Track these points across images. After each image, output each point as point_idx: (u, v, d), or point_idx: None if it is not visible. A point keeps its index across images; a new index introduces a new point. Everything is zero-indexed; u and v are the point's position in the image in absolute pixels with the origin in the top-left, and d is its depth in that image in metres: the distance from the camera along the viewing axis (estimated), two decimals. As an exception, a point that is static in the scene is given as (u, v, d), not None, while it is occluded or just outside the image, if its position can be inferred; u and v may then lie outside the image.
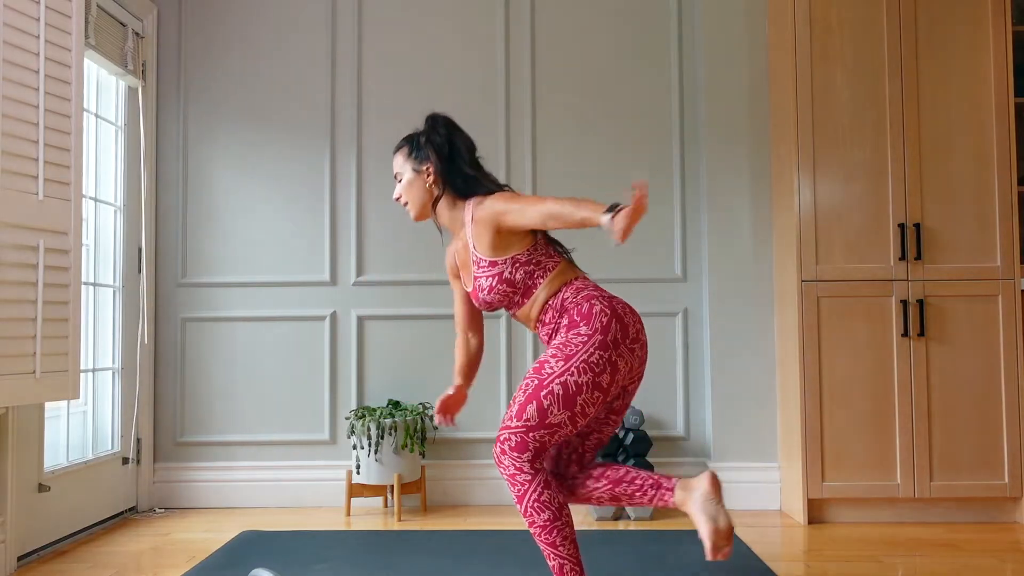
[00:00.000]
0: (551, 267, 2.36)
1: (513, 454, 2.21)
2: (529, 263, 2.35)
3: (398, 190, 2.49)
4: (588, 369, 2.21)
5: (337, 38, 3.93)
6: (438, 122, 2.51)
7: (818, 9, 3.44)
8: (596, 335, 2.23)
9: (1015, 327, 3.35)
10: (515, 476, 2.21)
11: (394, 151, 2.53)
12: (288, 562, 2.84)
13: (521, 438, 2.20)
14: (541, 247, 2.37)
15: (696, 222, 3.85)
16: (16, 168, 2.57)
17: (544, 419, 2.20)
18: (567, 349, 2.23)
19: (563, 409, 2.20)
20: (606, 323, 2.25)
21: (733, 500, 3.64)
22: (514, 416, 2.22)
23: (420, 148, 2.46)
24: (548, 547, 2.21)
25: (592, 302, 2.29)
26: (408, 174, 2.46)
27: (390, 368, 3.85)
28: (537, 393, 2.20)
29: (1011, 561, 2.87)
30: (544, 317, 2.35)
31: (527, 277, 2.35)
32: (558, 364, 2.22)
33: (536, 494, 2.20)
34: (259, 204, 3.89)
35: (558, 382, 2.20)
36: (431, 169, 2.43)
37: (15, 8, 2.57)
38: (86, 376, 3.49)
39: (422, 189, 2.45)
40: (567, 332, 2.27)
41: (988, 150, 3.39)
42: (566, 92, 3.90)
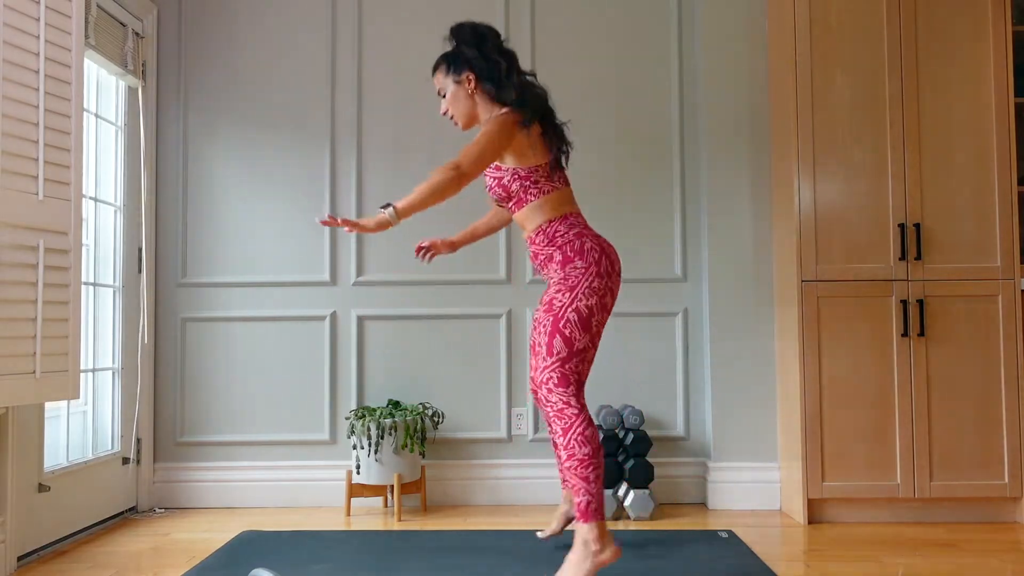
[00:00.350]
0: (547, 191, 2.58)
1: (559, 389, 2.44)
2: (527, 179, 2.56)
3: (444, 105, 2.66)
4: (592, 292, 2.48)
5: (337, 38, 3.93)
6: (464, 32, 2.63)
7: (818, 9, 3.44)
8: (592, 266, 2.50)
9: (1015, 327, 3.35)
10: (563, 411, 2.44)
11: (433, 70, 2.68)
12: (288, 562, 2.84)
13: (560, 372, 2.44)
14: (544, 171, 2.57)
15: (696, 222, 3.85)
16: (16, 168, 2.57)
17: (572, 347, 2.45)
18: (569, 281, 2.49)
19: (583, 332, 2.46)
20: (598, 257, 2.52)
21: (733, 500, 3.65)
22: (545, 355, 2.45)
23: (456, 60, 2.61)
24: (582, 482, 2.39)
25: (583, 239, 2.54)
26: (451, 87, 2.63)
27: (390, 368, 3.85)
28: (556, 325, 2.45)
29: (1011, 561, 2.87)
30: (535, 237, 2.60)
31: (521, 190, 2.57)
32: (565, 296, 2.48)
33: (581, 427, 2.42)
34: (259, 204, 3.89)
35: (571, 309, 2.46)
36: (470, 77, 2.60)
37: (15, 8, 2.57)
38: (86, 376, 3.49)
39: (466, 98, 2.62)
40: (563, 267, 2.52)
41: (988, 150, 3.39)
42: (566, 92, 3.89)
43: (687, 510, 3.64)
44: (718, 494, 3.66)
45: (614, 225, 3.79)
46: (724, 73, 3.76)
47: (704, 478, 3.74)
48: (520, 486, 3.78)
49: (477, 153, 2.45)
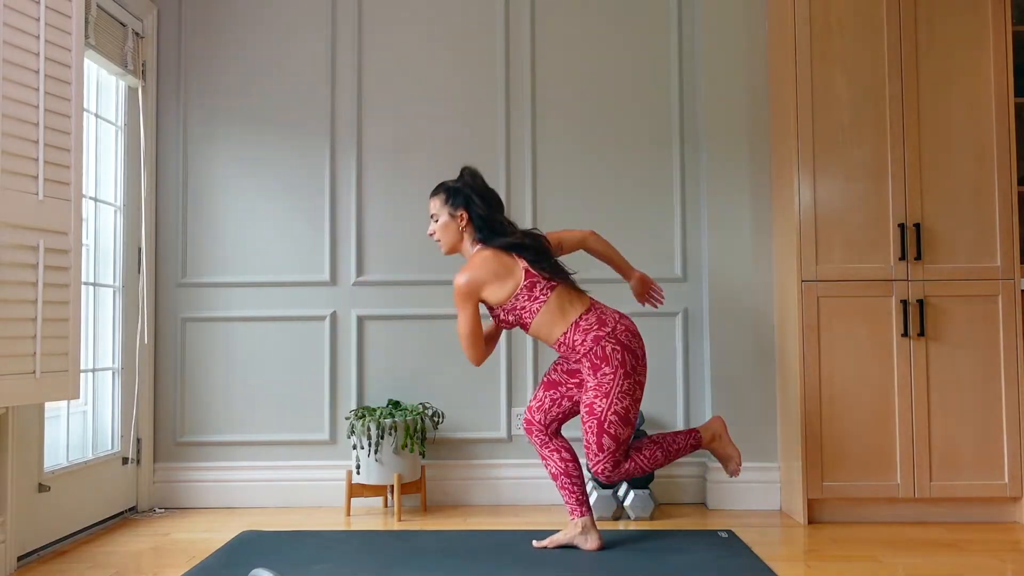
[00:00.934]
0: (537, 309, 2.87)
1: (614, 470, 2.89)
2: (515, 309, 2.89)
3: (433, 228, 2.99)
4: (625, 395, 2.85)
5: (337, 38, 3.93)
6: (472, 176, 2.98)
7: (818, 9, 3.44)
8: (619, 369, 2.84)
9: (1015, 327, 3.35)
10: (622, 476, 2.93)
11: (431, 194, 3.01)
12: (288, 562, 2.84)
13: (613, 460, 2.88)
14: (524, 294, 2.86)
15: (696, 222, 3.85)
16: (16, 168, 2.57)
17: (619, 440, 2.87)
18: (603, 388, 2.84)
19: (625, 427, 2.86)
20: (621, 358, 2.84)
21: (733, 500, 3.65)
22: (596, 451, 2.86)
23: (456, 196, 2.94)
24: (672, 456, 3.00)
25: (602, 343, 2.85)
26: (444, 217, 2.96)
27: (390, 368, 3.85)
28: (601, 428, 2.84)
29: (1011, 561, 2.87)
30: (559, 348, 2.93)
31: (517, 318, 2.91)
32: (603, 402, 2.84)
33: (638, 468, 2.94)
34: (259, 204, 3.89)
35: (611, 412, 2.84)
36: (464, 216, 2.93)
37: (15, 8, 2.57)
38: (86, 376, 3.49)
39: (455, 231, 2.96)
40: (595, 375, 2.86)
41: (988, 150, 3.39)
42: (566, 91, 3.90)
43: (687, 510, 3.64)
44: (718, 494, 3.66)
45: (614, 225, 3.80)
46: (724, 73, 3.76)
47: (704, 478, 3.74)
48: (520, 486, 3.78)
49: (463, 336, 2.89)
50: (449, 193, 2.95)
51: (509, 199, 3.84)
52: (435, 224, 2.98)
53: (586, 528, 2.97)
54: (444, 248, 2.99)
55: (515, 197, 3.86)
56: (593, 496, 3.50)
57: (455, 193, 2.94)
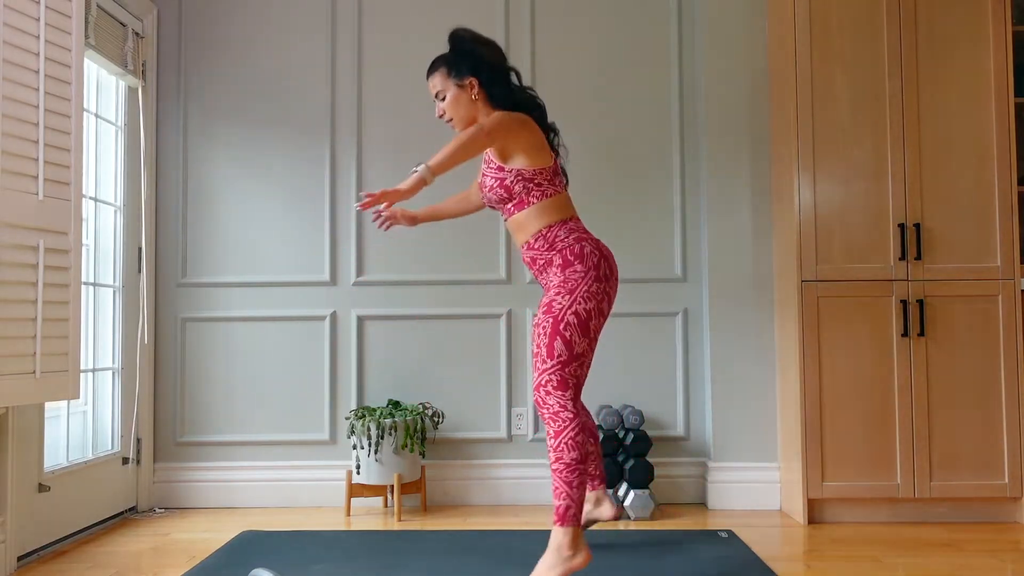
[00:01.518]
0: (549, 193, 2.59)
1: (557, 393, 2.46)
2: (531, 181, 2.57)
3: (441, 108, 2.66)
4: (591, 297, 2.50)
5: (337, 38, 3.93)
6: (465, 38, 2.67)
7: (818, 9, 3.44)
8: (591, 270, 2.53)
9: (1015, 327, 3.35)
10: (558, 414, 2.45)
11: (429, 72, 2.69)
12: (288, 562, 2.84)
13: (560, 375, 2.46)
14: (547, 174, 2.59)
15: (696, 222, 3.85)
16: (16, 168, 2.57)
17: (572, 350, 2.46)
18: (568, 284, 2.51)
19: (583, 336, 2.48)
20: (596, 261, 2.55)
21: (733, 500, 3.65)
22: (545, 358, 2.46)
23: (459, 63, 2.62)
24: (564, 486, 2.42)
25: (583, 243, 2.57)
26: (452, 91, 2.63)
27: (390, 368, 3.85)
28: (556, 327, 2.46)
29: (1011, 561, 2.87)
30: (534, 242, 2.60)
31: (524, 191, 2.58)
32: (564, 299, 2.49)
33: (573, 433, 2.43)
34: (259, 204, 3.89)
35: (570, 312, 2.47)
36: (474, 82, 2.62)
37: (15, 8, 2.57)
38: (86, 376, 3.49)
39: (468, 102, 2.63)
40: (563, 270, 2.54)
41: (988, 150, 3.39)
42: (566, 91, 3.90)
43: (687, 510, 3.64)
44: (718, 494, 3.66)
45: (614, 225, 3.80)
46: (724, 73, 3.76)
47: (704, 478, 3.74)
48: (520, 486, 3.78)
49: (502, 124, 2.51)
50: (451, 63, 2.64)
51: (509, 199, 3.85)
52: (442, 103, 2.65)
53: (598, 500, 2.98)
54: (460, 125, 2.66)
55: (515, 197, 3.86)
56: (593, 496, 3.50)
57: (458, 61, 2.63)
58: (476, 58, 2.63)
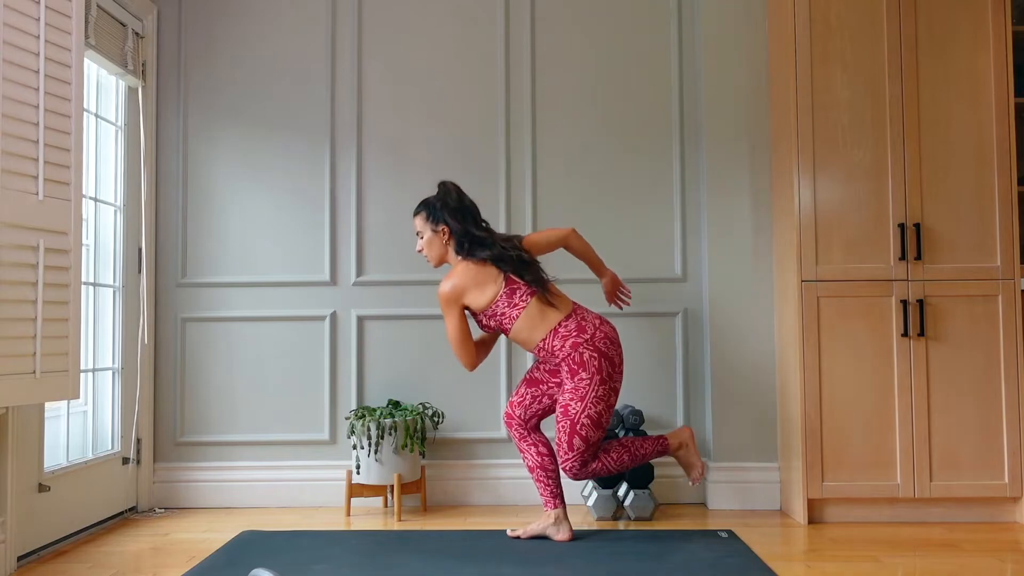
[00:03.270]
0: (516, 315, 3.03)
1: (581, 469, 3.06)
2: (495, 315, 3.05)
3: (420, 244, 3.17)
4: (600, 399, 3.00)
5: (337, 38, 3.93)
6: (449, 191, 3.15)
7: (818, 9, 3.44)
8: (595, 376, 3.00)
9: (1015, 327, 3.35)
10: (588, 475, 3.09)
11: (414, 213, 3.20)
12: (288, 562, 2.84)
13: (581, 460, 3.04)
14: (502, 303, 3.02)
15: (696, 222, 3.85)
16: (16, 168, 2.57)
17: (589, 442, 3.02)
18: (579, 392, 3.00)
19: (596, 430, 3.02)
20: (598, 365, 3.00)
21: (733, 500, 3.65)
22: (567, 450, 3.02)
23: (437, 213, 3.13)
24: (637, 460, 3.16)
25: (580, 350, 3.00)
26: (428, 234, 3.15)
27: (390, 368, 3.85)
28: (574, 429, 3.00)
29: (1011, 561, 2.87)
30: (539, 353, 3.09)
31: (498, 324, 3.07)
32: (578, 405, 2.99)
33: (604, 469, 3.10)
34: (259, 204, 3.89)
35: (585, 415, 2.99)
36: (446, 231, 3.12)
37: (15, 8, 2.57)
38: (86, 376, 3.49)
39: (440, 245, 3.15)
40: (572, 379, 3.01)
41: (988, 150, 3.39)
42: (566, 91, 3.90)
43: (687, 510, 3.64)
44: (718, 494, 3.66)
45: (614, 225, 3.80)
46: (724, 73, 3.76)
47: (704, 478, 3.74)
48: (520, 486, 3.78)
49: (453, 341, 3.07)
50: (429, 211, 3.14)
51: (509, 199, 3.85)
52: (421, 241, 3.17)
53: (558, 520, 3.11)
54: (432, 262, 3.18)
55: (515, 197, 3.86)
56: (593, 496, 3.51)
57: (434, 211, 3.13)
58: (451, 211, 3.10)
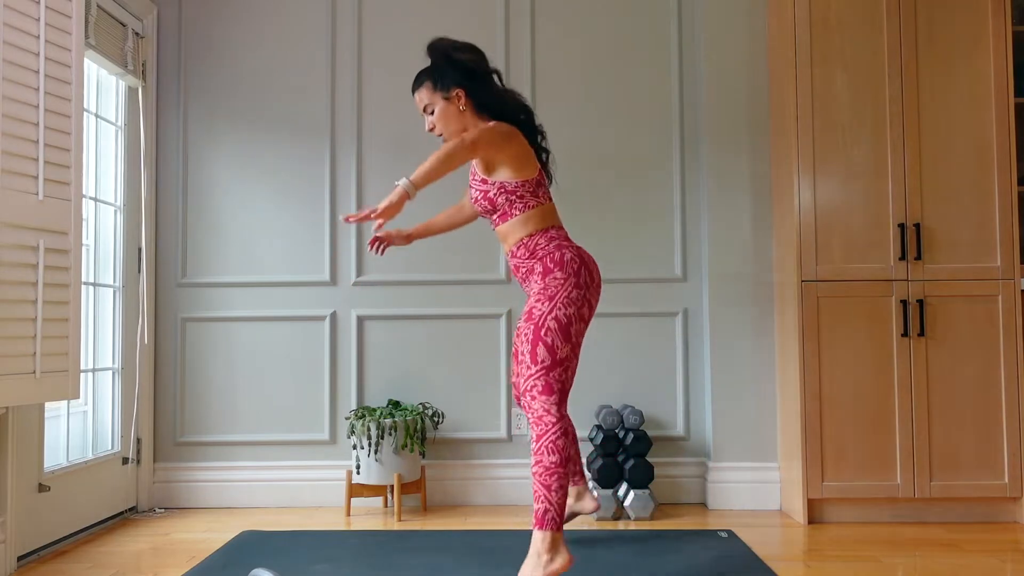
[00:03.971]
0: (532, 205, 2.61)
1: (542, 397, 2.48)
2: (513, 194, 2.59)
3: (430, 121, 2.66)
4: (571, 303, 2.52)
5: (337, 38, 3.93)
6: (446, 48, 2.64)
7: (818, 9, 3.44)
8: (571, 277, 2.54)
9: (1015, 327, 3.35)
10: (542, 417, 2.47)
11: (414, 87, 2.69)
12: (288, 562, 2.84)
13: (544, 380, 2.48)
14: (530, 186, 2.60)
15: (696, 222, 3.85)
16: (16, 168, 2.57)
17: (555, 355, 2.48)
18: (548, 291, 2.53)
19: (564, 341, 2.50)
20: (576, 268, 2.56)
21: (733, 500, 3.65)
22: (529, 363, 2.50)
23: (443, 76, 2.62)
24: (543, 489, 2.43)
25: (563, 251, 2.58)
26: (439, 104, 2.63)
27: (390, 368, 3.85)
28: (538, 334, 2.49)
29: (1011, 561, 2.87)
30: (516, 251, 2.63)
31: (507, 204, 2.60)
32: (544, 305, 2.52)
33: (554, 436, 2.44)
34: (259, 204, 3.89)
35: (551, 318, 2.50)
36: (461, 93, 2.62)
37: (15, 8, 2.57)
38: (86, 376, 3.49)
39: (456, 114, 2.63)
40: (543, 278, 2.56)
41: (988, 150, 3.39)
42: (566, 92, 3.90)
43: (687, 510, 3.64)
44: (718, 494, 3.66)
45: (614, 225, 3.80)
46: (724, 73, 3.76)
47: (704, 478, 3.74)
48: (520, 486, 3.78)
49: (488, 136, 2.51)
50: (436, 76, 2.64)
51: (509, 199, 3.85)
52: (431, 117, 2.67)
53: (580, 494, 3.05)
54: (450, 137, 2.64)
55: (515, 197, 3.86)
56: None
57: (442, 73, 2.63)
58: (460, 68, 2.62)
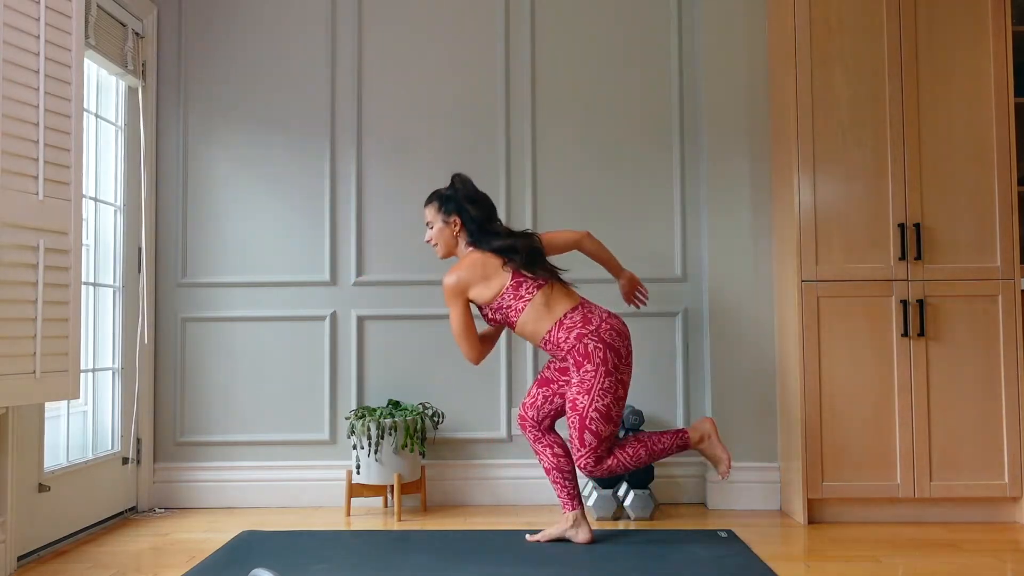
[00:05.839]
0: (522, 308, 2.97)
1: (595, 466, 2.97)
2: (501, 308, 3.00)
3: (429, 235, 3.13)
4: (607, 392, 2.92)
5: (337, 38, 3.93)
6: (463, 183, 3.11)
7: (818, 9, 3.44)
8: (600, 367, 2.91)
9: (1015, 327, 3.35)
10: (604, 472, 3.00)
11: (425, 203, 3.16)
12: (288, 562, 2.84)
13: (595, 455, 2.96)
14: (509, 294, 2.97)
15: (696, 222, 3.85)
16: (16, 168, 2.57)
17: (600, 436, 2.94)
18: (585, 385, 2.92)
19: (607, 424, 2.94)
20: (604, 355, 2.92)
21: (733, 500, 3.65)
22: (579, 447, 2.95)
23: (448, 203, 3.09)
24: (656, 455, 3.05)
25: (584, 341, 2.93)
26: (439, 224, 3.10)
27: (390, 368, 3.85)
28: (583, 423, 2.92)
29: (1011, 561, 2.87)
30: (544, 346, 3.03)
31: (504, 317, 3.02)
32: (584, 399, 2.92)
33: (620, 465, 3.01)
34: (259, 204, 3.89)
35: (593, 409, 2.91)
36: (457, 222, 3.08)
37: (15, 8, 2.57)
38: (86, 376, 3.49)
39: (450, 237, 3.10)
40: (578, 371, 2.94)
41: (988, 150, 3.39)
42: (566, 91, 3.90)
43: (687, 510, 3.64)
44: (718, 494, 3.66)
45: (614, 225, 3.80)
46: (724, 73, 3.76)
47: (704, 478, 3.74)
48: (520, 486, 3.78)
49: (456, 333, 3.01)
50: (442, 201, 3.10)
51: (509, 199, 3.85)
52: (431, 231, 3.12)
53: (577, 521, 3.06)
54: (440, 253, 3.14)
55: (515, 197, 3.86)
56: (593, 496, 3.51)
57: (447, 200, 3.09)
58: (463, 202, 3.06)
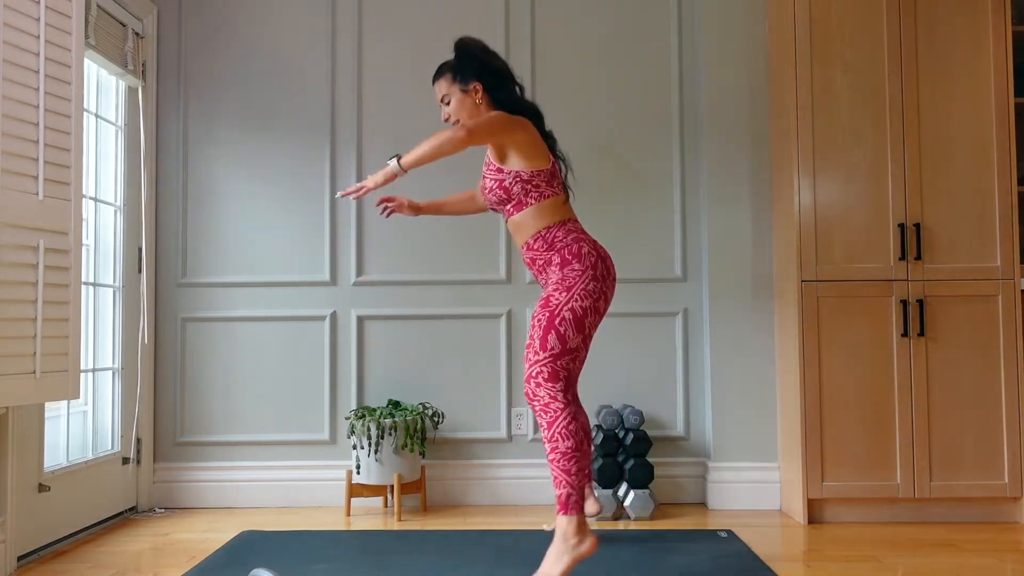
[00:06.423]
0: (547, 195, 2.65)
1: (548, 384, 2.51)
2: (529, 183, 2.63)
3: (447, 111, 2.74)
4: (588, 295, 2.56)
5: (337, 38, 3.93)
6: (471, 46, 2.75)
7: (818, 9, 3.44)
8: (588, 270, 2.58)
9: (1015, 327, 3.35)
10: (548, 405, 2.50)
11: (435, 78, 2.77)
12: (288, 562, 2.84)
13: (551, 367, 2.51)
14: (544, 176, 2.64)
15: (696, 222, 3.85)
16: (16, 168, 2.57)
17: (565, 344, 2.52)
18: (566, 282, 2.57)
19: (577, 332, 2.54)
20: (594, 261, 2.61)
21: (733, 500, 3.65)
22: (538, 349, 2.53)
23: (464, 70, 2.71)
24: (563, 474, 2.46)
25: (580, 244, 2.63)
26: (456, 95, 2.72)
27: (390, 368, 3.85)
28: (552, 322, 2.52)
29: (1011, 561, 2.87)
30: (533, 243, 2.67)
31: (522, 192, 2.64)
32: (562, 295, 2.55)
33: (565, 423, 2.48)
34: (259, 204, 3.89)
35: (567, 308, 2.53)
36: (478, 87, 2.70)
37: (15, 8, 2.57)
38: (86, 376, 3.49)
39: (472, 106, 2.71)
40: (561, 268, 2.60)
41: (988, 150, 3.39)
42: (566, 91, 3.90)
43: (687, 510, 3.64)
44: (718, 494, 3.66)
45: (614, 225, 3.80)
46: (724, 73, 3.76)
47: (704, 478, 3.74)
48: (520, 486, 3.78)
49: (487, 123, 2.57)
50: (456, 69, 2.72)
51: (509, 199, 3.85)
52: (447, 107, 2.74)
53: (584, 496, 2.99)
54: None
55: (515, 197, 3.86)
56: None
57: (463, 66, 2.72)
58: (481, 64, 2.72)
